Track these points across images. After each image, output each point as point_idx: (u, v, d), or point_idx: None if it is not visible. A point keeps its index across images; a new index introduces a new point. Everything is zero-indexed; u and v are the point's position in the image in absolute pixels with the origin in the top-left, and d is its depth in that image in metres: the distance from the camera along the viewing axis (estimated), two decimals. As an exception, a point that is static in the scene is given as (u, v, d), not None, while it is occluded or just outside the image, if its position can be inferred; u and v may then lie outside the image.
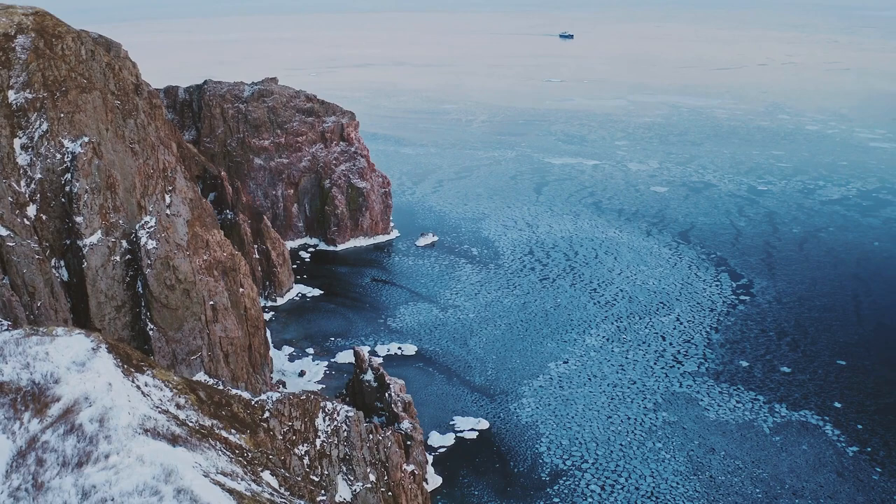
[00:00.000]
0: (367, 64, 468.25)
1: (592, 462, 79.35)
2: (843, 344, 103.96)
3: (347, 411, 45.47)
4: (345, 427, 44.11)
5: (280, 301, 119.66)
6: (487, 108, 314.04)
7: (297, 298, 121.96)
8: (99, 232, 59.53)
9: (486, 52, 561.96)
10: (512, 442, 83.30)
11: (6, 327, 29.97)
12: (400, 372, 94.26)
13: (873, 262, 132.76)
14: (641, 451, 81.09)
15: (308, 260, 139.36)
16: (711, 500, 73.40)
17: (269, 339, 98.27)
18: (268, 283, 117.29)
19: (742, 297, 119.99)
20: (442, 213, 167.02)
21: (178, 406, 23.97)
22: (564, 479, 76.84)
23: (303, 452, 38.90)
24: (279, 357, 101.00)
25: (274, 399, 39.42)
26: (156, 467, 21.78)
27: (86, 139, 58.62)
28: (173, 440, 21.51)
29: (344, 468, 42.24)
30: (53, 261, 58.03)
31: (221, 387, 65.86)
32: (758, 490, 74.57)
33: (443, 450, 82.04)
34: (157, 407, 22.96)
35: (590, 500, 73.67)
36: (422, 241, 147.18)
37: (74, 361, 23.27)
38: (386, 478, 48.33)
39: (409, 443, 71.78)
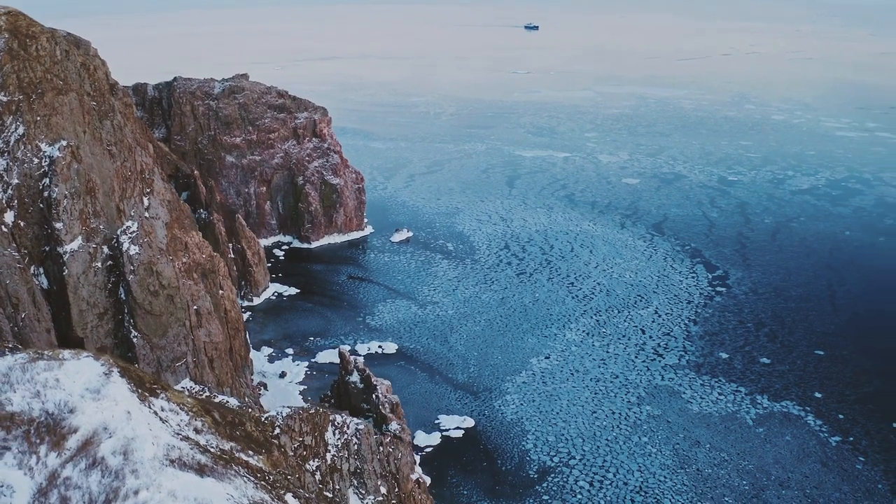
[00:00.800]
0: (333, 57, 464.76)
1: (580, 458, 79.30)
2: (821, 334, 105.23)
3: (357, 424, 44.67)
4: (355, 440, 43.28)
5: (256, 301, 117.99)
6: (455, 101, 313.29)
7: (274, 298, 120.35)
8: (79, 238, 57.78)
9: (451, 43, 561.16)
10: (498, 440, 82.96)
11: (6, 350, 28.60)
12: (382, 371, 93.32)
13: (845, 252, 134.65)
14: (628, 446, 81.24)
15: (282, 258, 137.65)
16: (699, 493, 73.74)
17: (248, 341, 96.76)
18: (243, 282, 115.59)
19: (718, 289, 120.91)
20: (415, 208, 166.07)
21: (197, 430, 23.04)
22: (553, 475, 76.70)
23: (314, 468, 37.99)
24: (259, 358, 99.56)
25: (284, 415, 38.46)
26: (190, 503, 20.88)
27: (64, 143, 56.84)
28: (200, 470, 20.59)
29: (355, 482, 41.48)
30: (32, 268, 56.23)
31: (208, 393, 64.64)
32: (744, 482, 75.10)
33: (429, 449, 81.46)
34: (178, 434, 21.99)
35: (579, 496, 73.61)
36: (396, 237, 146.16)
37: (88, 388, 22.14)
38: (397, 489, 47.63)
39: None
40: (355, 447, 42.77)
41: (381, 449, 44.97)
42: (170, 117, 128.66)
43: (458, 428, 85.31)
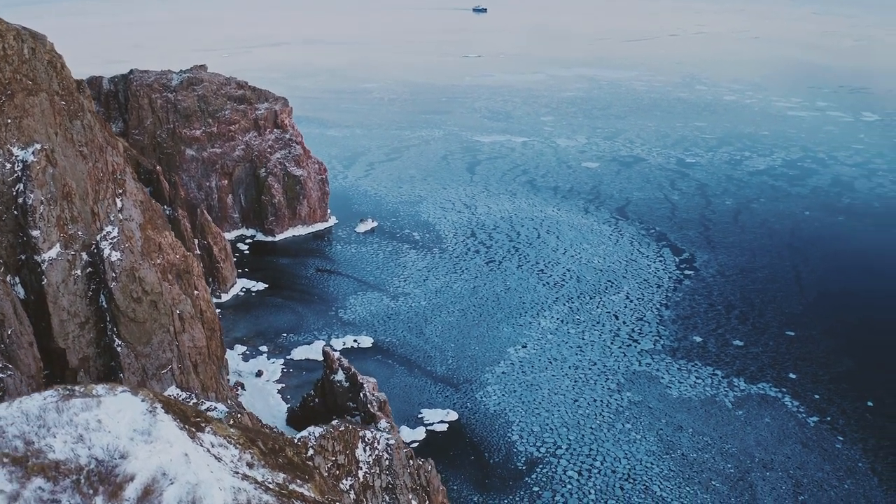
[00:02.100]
0: (281, 43, 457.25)
1: (566, 448, 79.39)
2: (790, 315, 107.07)
3: (388, 439, 43.61)
4: (386, 455, 42.26)
5: (225, 297, 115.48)
6: (409, 87, 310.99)
7: (242, 294, 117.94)
8: (57, 245, 55.30)
9: (399, 27, 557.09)
10: (483, 432, 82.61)
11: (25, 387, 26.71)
12: (359, 366, 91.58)
13: (807, 232, 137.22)
14: (612, 434, 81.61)
15: (247, 252, 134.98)
16: (687, 478, 74.44)
17: (223, 341, 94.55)
18: (211, 279, 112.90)
19: (686, 272, 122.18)
20: (378, 198, 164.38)
21: (250, 465, 21.84)
22: (541, 466, 76.65)
23: (347, 486, 36.96)
24: (233, 357, 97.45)
25: (317, 435, 37.19)
26: (271, 552, 19.84)
27: (37, 146, 54.19)
28: (270, 512, 19.58)
29: (387, 498, 40.54)
30: (8, 278, 53.60)
31: (196, 399, 62.77)
32: (729, 465, 76.04)
33: (415, 444, 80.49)
34: (237, 472, 20.78)
35: (569, 486, 73.70)
36: (361, 228, 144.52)
37: (135, 429, 20.69)
38: (427, 502, 46.73)
39: (387, 443, 70.24)
40: (386, 462, 41.81)
41: (412, 462, 44.07)
42: (127, 111, 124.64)
43: (442, 422, 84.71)
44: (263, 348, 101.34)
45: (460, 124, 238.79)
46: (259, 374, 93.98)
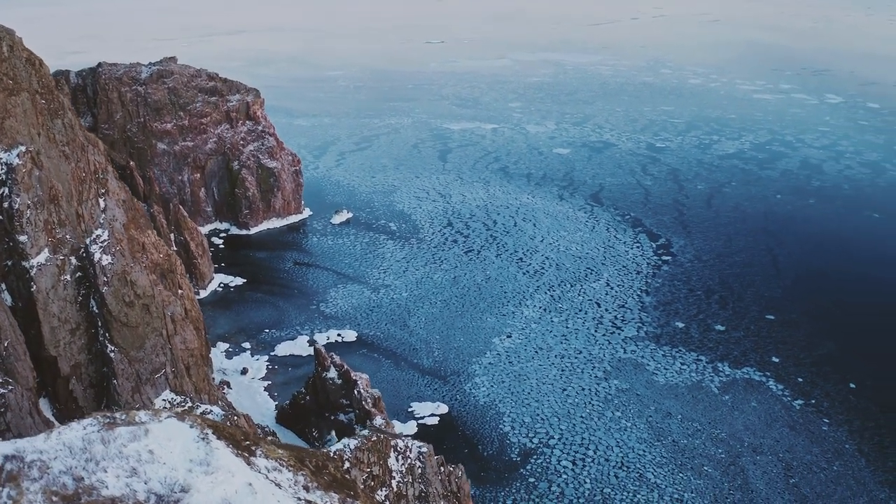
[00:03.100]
0: (240, 31, 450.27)
1: (558, 437, 79.60)
2: (768, 298, 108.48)
3: (419, 447, 43.05)
4: (419, 463, 41.68)
5: (203, 294, 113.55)
6: (373, 74, 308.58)
7: (220, 289, 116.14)
8: (46, 250, 53.58)
9: (357, 12, 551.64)
10: (475, 424, 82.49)
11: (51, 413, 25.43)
12: (345, 361, 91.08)
13: (780, 215, 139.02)
14: (603, 422, 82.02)
15: (222, 246, 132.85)
16: (679, 464, 75.13)
17: (208, 339, 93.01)
18: (189, 276, 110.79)
19: (664, 258, 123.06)
20: (351, 188, 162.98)
21: (306, 488, 21.17)
22: (535, 457, 76.79)
23: (383, 497, 36.35)
24: (216, 355, 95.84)
25: (352, 447, 36.45)
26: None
27: (22, 148, 52.34)
28: (339, 540, 18.97)
29: None
30: (-4, 285, 51.89)
31: (190, 404, 61.62)
32: (720, 450, 76.91)
33: (407, 439, 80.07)
34: (298, 498, 20.13)
35: (564, 476, 73.96)
36: (337, 219, 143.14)
37: (192, 459, 19.84)
38: None
39: (383, 440, 69.75)
40: (419, 470, 41.30)
41: (442, 469, 43.62)
42: (95, 105, 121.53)
43: (432, 415, 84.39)
44: (246, 345, 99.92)
45: (429, 111, 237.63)
46: (244, 371, 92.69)
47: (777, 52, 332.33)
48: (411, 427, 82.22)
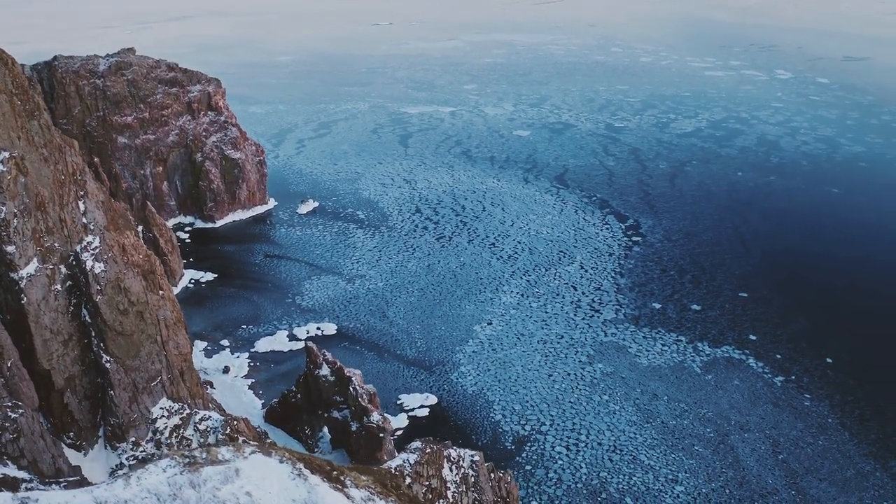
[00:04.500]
0: (183, 17, 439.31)
1: (550, 424, 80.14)
2: (740, 276, 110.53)
3: (471, 455, 42.60)
4: (472, 472, 41.24)
5: (175, 291, 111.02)
6: (325, 58, 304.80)
7: (192, 286, 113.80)
8: (35, 260, 51.54)
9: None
10: (466, 414, 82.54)
11: (139, 455, 24.05)
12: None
13: (742, 193, 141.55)
14: (591, 406, 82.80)
15: (189, 241, 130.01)
16: (671, 445, 76.32)
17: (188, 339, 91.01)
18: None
19: (634, 239, 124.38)
20: (314, 176, 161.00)
21: (403, 517, 20.77)
22: (529, 444, 77.22)
23: None
24: (196, 354, 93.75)
25: (412, 462, 35.85)
26: None
27: (6, 154, 50.08)
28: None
29: None
30: (-13, 299, 49.78)
31: (189, 410, 60.32)
32: (708, 430, 78.33)
33: (400, 433, 79.98)
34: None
35: (560, 462, 74.54)
36: (303, 209, 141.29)
37: (294, 500, 19.17)
38: None
39: (381, 434, 69.58)
40: (472, 479, 40.92)
41: (493, 475, 43.35)
42: (53, 100, 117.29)
43: (422, 406, 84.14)
44: (225, 342, 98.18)
45: (385, 95, 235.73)
46: (226, 370, 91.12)
47: (724, 28, 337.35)
48: (402, 420, 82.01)
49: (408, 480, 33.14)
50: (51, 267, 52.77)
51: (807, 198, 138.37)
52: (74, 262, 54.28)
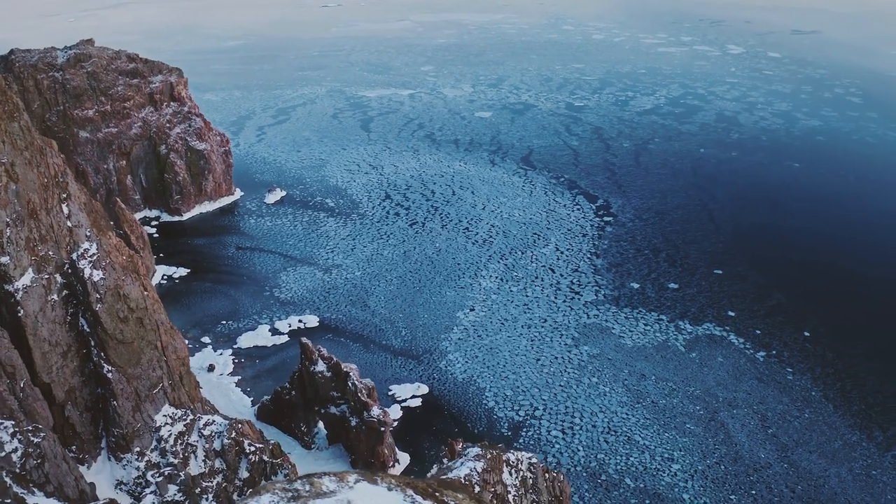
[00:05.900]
0: (122, 3, 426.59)
1: (543, 408, 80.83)
2: (712, 253, 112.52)
3: (528, 458, 42.44)
4: (530, 475, 41.06)
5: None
6: (275, 42, 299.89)
7: (165, 282, 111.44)
8: (30, 270, 49.81)
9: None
10: (459, 402, 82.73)
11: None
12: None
13: (707, 169, 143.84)
14: (582, 389, 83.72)
15: (157, 235, 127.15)
16: (663, 424, 77.67)
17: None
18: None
19: (606, 219, 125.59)
20: (278, 164, 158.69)
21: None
22: (525, 429, 77.84)
23: None
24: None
25: (479, 469, 35.42)
26: None
27: (-2, 161, 48.12)
28: None
29: None
30: (-13, 314, 47.94)
31: (192, 416, 59.25)
32: (698, 407, 79.90)
33: (395, 423, 79.77)
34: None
35: (557, 446, 75.34)
36: (270, 198, 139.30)
37: (416, 530, 18.86)
38: None
39: (382, 429, 69.41)
40: (531, 482, 40.82)
41: (547, 476, 43.34)
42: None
43: (414, 396, 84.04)
44: (206, 339, 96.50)
45: (341, 79, 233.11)
46: (211, 368, 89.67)
47: (671, 3, 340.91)
48: (396, 411, 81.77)
49: (476, 489, 33.08)
50: (46, 276, 51.08)
51: (769, 173, 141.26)
52: (70, 271, 52.62)
